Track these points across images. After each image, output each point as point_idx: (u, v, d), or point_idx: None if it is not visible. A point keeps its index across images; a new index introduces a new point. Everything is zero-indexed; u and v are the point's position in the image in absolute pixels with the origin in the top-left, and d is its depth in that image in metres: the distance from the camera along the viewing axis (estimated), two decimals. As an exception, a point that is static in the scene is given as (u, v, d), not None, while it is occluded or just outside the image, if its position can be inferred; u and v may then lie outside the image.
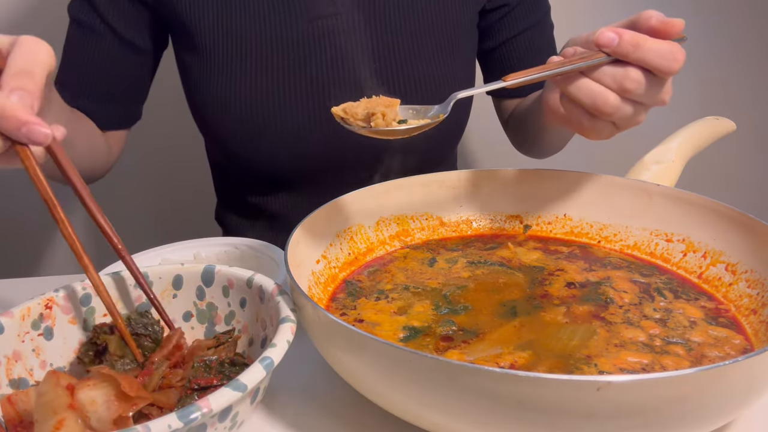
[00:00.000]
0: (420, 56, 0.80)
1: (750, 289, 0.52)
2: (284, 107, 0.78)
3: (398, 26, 0.79)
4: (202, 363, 0.46)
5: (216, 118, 0.81)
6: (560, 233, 0.66)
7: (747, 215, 0.54)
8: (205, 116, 0.82)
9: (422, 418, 0.41)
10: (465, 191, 0.67)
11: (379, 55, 0.79)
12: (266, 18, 0.77)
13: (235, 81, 0.78)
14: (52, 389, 0.41)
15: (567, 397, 0.35)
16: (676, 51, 0.50)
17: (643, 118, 0.55)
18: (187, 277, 0.53)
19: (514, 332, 0.49)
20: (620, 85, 0.51)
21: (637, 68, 0.51)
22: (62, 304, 0.50)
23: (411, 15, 0.79)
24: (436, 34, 0.81)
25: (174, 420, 0.36)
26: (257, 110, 0.78)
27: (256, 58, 0.77)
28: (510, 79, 0.51)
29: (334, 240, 0.60)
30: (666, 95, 0.54)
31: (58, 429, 0.39)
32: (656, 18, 0.51)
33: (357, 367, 0.42)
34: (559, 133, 0.84)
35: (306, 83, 0.78)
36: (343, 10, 0.77)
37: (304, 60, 0.77)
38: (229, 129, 0.80)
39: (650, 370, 0.45)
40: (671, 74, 0.51)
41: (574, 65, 0.51)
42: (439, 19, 0.81)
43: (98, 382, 0.41)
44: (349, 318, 0.52)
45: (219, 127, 0.81)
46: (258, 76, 0.77)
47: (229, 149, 0.82)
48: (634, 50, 0.50)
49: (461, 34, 0.83)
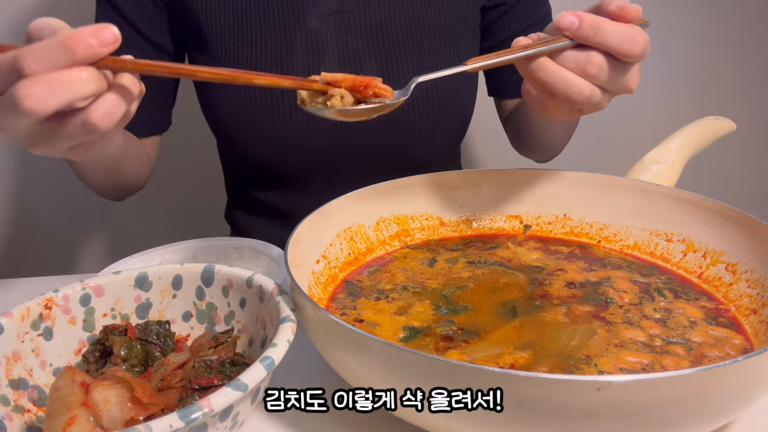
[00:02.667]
0: (423, 51, 0.80)
1: (750, 289, 0.52)
2: (293, 104, 0.78)
3: (402, 22, 0.80)
4: (202, 363, 0.46)
5: (227, 116, 0.81)
6: (560, 233, 0.66)
7: (747, 215, 0.54)
8: (216, 115, 0.83)
9: (422, 418, 0.41)
10: (465, 191, 0.67)
11: (384, 50, 0.79)
12: (275, 16, 0.77)
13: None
14: (68, 385, 0.41)
15: (567, 397, 0.35)
16: (636, 34, 0.50)
17: (606, 105, 0.54)
18: (186, 277, 0.53)
19: (514, 332, 0.49)
20: (582, 70, 0.51)
21: (599, 53, 0.50)
22: (62, 304, 0.50)
23: (414, 10, 0.80)
24: (439, 29, 0.81)
25: (175, 420, 0.36)
26: (267, 108, 0.78)
27: (265, 56, 0.78)
28: (471, 63, 0.51)
29: (334, 240, 0.60)
30: (631, 82, 0.53)
31: (70, 425, 0.40)
32: (616, 3, 0.51)
33: (357, 367, 0.42)
34: (552, 131, 0.84)
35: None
36: (350, 7, 0.78)
37: (312, 57, 0.78)
38: (240, 127, 0.81)
39: (650, 370, 0.45)
40: (633, 58, 0.51)
41: (537, 49, 0.51)
42: (442, 15, 0.81)
43: (113, 383, 0.42)
44: (349, 318, 0.52)
45: (230, 126, 0.82)
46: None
47: (239, 147, 0.83)
48: (594, 33, 0.49)
49: (463, 30, 0.84)
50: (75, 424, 0.40)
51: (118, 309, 0.52)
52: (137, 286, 0.53)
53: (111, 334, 0.49)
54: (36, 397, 0.46)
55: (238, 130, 0.81)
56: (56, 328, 0.50)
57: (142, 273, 0.53)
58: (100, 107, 0.42)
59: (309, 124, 0.79)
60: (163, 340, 0.50)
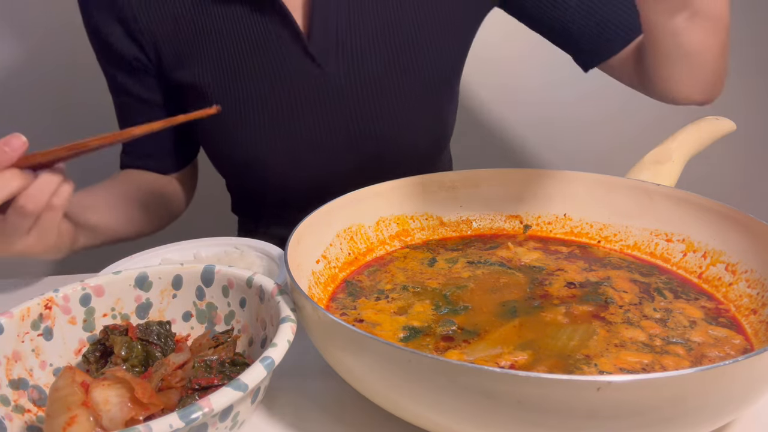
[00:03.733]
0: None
1: (750, 289, 0.52)
2: (284, 149, 0.81)
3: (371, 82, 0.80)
4: (202, 363, 0.46)
5: (222, 162, 0.88)
6: (560, 233, 0.66)
7: (747, 215, 0.54)
8: (213, 159, 0.88)
9: (422, 418, 0.41)
10: (465, 191, 0.67)
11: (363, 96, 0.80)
12: (260, 81, 0.78)
13: (237, 136, 0.81)
14: (68, 385, 0.41)
15: (567, 397, 0.35)
16: None
17: None
18: (186, 277, 0.53)
19: (514, 332, 0.49)
20: None
21: None
22: (62, 304, 0.50)
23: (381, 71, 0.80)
24: (415, 82, 0.81)
25: (175, 419, 0.36)
26: (260, 155, 0.82)
27: (254, 114, 0.79)
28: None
29: (334, 240, 0.60)
30: None
31: (70, 425, 0.40)
32: None
33: (357, 367, 0.42)
34: (684, 33, 0.65)
35: (299, 129, 0.80)
36: (327, 69, 0.78)
37: (299, 111, 0.80)
38: (234, 170, 0.88)
39: (650, 370, 0.45)
40: None
41: None
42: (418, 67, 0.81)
43: (113, 383, 0.42)
44: (349, 318, 0.52)
45: (223, 169, 0.90)
46: (258, 130, 0.80)
47: (237, 182, 0.93)
48: None
49: (438, 82, 0.84)
50: (75, 424, 0.40)
51: (118, 309, 0.52)
52: (137, 286, 0.53)
53: (112, 334, 0.49)
54: (36, 397, 0.46)
55: (233, 175, 0.90)
56: (56, 328, 0.50)
57: (142, 273, 0.53)
58: (29, 193, 0.56)
59: (302, 159, 0.82)
60: (164, 340, 0.50)
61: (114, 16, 0.77)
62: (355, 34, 0.77)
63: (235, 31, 0.76)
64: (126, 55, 0.79)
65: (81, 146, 0.55)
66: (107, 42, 0.79)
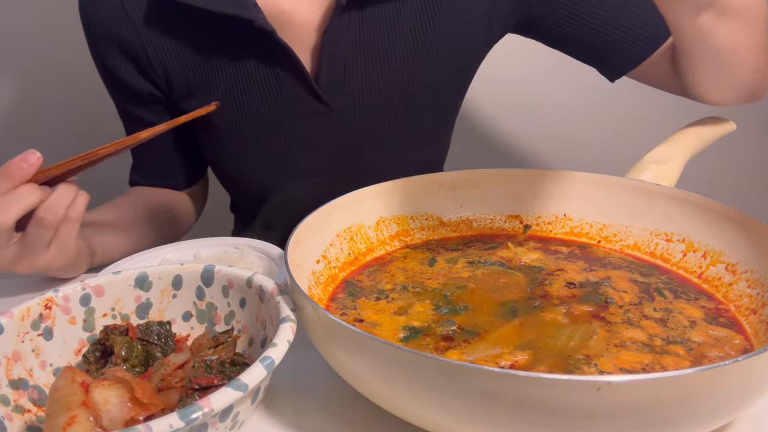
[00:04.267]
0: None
1: (750, 289, 0.52)
2: (288, 177, 0.84)
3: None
4: (202, 363, 0.46)
5: (229, 186, 0.92)
6: (560, 233, 0.66)
7: (747, 215, 0.54)
8: (220, 180, 0.92)
9: (422, 418, 0.41)
10: (465, 191, 0.67)
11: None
12: (267, 116, 0.79)
13: (243, 164, 0.84)
14: (68, 385, 0.41)
15: (567, 397, 0.35)
16: None
17: None
18: (186, 277, 0.53)
19: (514, 332, 0.49)
20: None
21: None
22: (62, 304, 0.50)
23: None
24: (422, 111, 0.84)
25: (175, 420, 0.36)
26: (264, 184, 0.85)
27: (260, 145, 0.81)
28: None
29: (334, 240, 0.60)
30: None
31: (70, 425, 0.40)
32: None
33: (357, 367, 0.42)
34: (712, 31, 0.61)
35: (303, 160, 0.82)
36: (334, 106, 0.79)
37: (305, 144, 0.82)
38: (238, 192, 0.93)
39: (650, 370, 0.45)
40: None
41: None
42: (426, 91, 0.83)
43: (113, 383, 0.42)
44: (349, 318, 0.52)
45: (228, 188, 0.93)
46: (263, 159, 0.82)
47: (240, 201, 0.96)
48: None
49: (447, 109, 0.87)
50: (75, 424, 0.40)
51: (118, 309, 0.52)
52: (137, 286, 0.53)
53: (112, 334, 0.49)
54: (36, 397, 0.46)
55: (236, 191, 0.93)
56: (56, 328, 0.50)
57: (142, 273, 0.53)
58: (47, 206, 0.59)
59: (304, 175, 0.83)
60: (164, 340, 0.50)
61: (126, 54, 0.78)
62: (362, 71, 0.78)
63: (244, 69, 0.77)
64: (138, 89, 0.81)
65: (91, 155, 0.58)
66: (118, 78, 0.80)
